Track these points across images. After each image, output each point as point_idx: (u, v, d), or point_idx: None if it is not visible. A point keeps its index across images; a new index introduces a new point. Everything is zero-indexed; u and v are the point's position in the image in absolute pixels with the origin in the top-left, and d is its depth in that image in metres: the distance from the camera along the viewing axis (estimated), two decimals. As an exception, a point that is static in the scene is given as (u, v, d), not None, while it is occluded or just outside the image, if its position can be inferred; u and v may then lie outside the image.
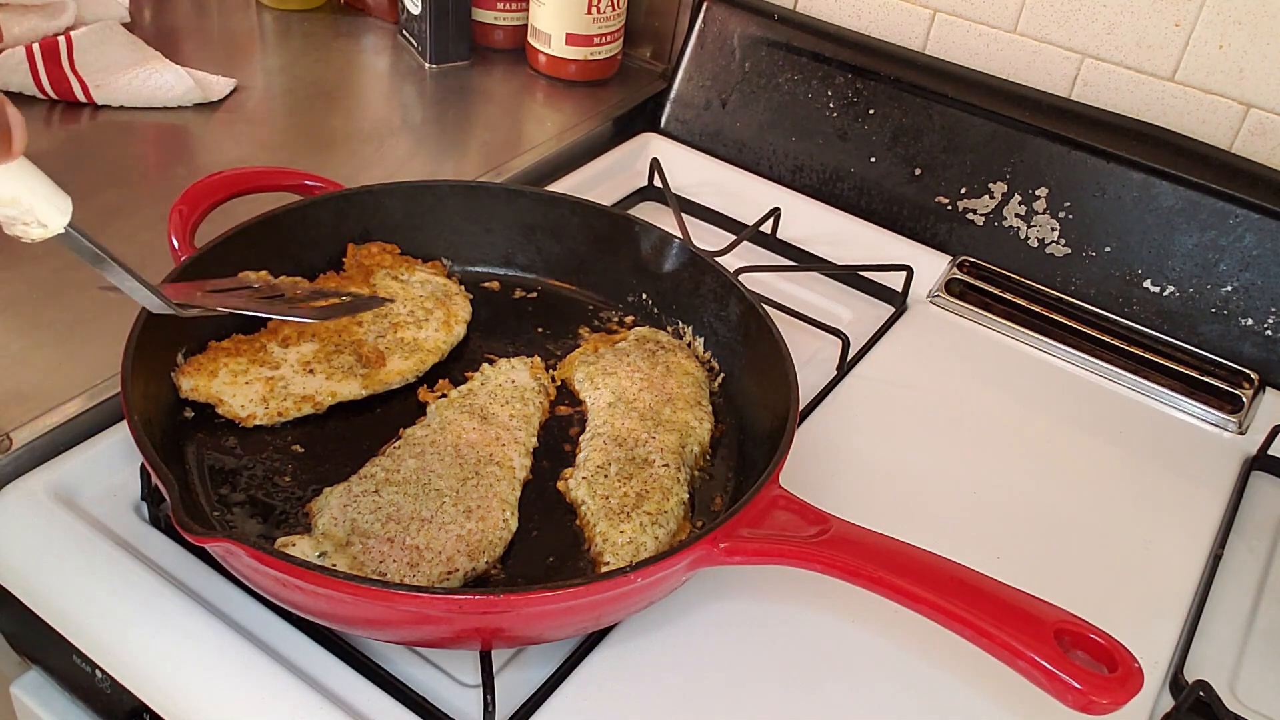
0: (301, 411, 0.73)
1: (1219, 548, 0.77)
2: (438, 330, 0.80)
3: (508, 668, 0.64)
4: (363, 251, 0.85)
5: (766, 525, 0.61)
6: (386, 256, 0.85)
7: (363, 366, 0.76)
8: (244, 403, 0.72)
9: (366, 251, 0.85)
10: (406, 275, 0.84)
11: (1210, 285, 0.95)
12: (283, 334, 0.77)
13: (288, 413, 0.73)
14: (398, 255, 0.86)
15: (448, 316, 0.82)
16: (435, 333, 0.80)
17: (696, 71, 1.16)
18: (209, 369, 0.73)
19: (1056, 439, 0.86)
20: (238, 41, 1.25)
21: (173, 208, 0.77)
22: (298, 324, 0.77)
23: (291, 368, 0.75)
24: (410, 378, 0.78)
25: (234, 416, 0.72)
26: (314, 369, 0.75)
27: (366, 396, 0.76)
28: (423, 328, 0.80)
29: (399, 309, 0.80)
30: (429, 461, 0.69)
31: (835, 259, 1.03)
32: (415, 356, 0.78)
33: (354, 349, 0.77)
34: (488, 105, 1.18)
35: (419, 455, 0.69)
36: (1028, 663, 0.53)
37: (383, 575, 0.61)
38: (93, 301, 0.82)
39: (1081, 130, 0.99)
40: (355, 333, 0.78)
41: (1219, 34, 0.94)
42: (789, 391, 0.70)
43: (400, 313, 0.80)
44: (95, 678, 0.68)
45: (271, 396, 0.73)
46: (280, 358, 0.75)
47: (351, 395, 0.75)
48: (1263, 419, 0.89)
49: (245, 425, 0.72)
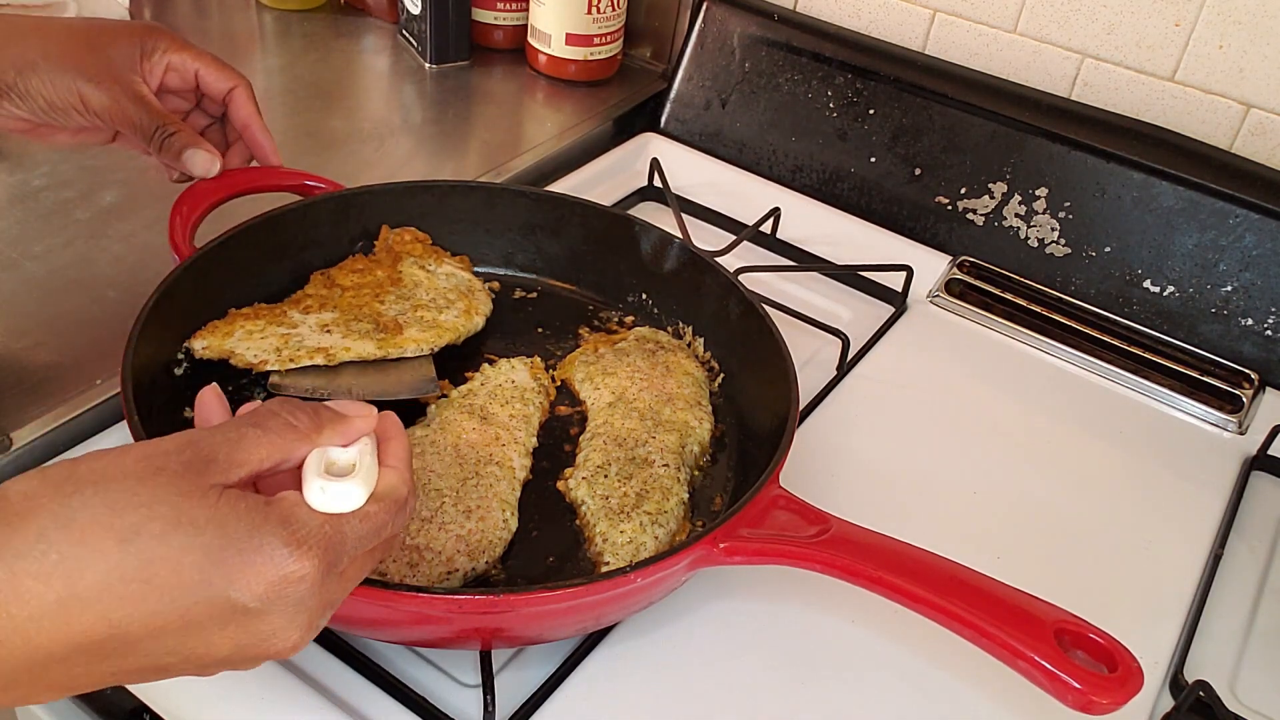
0: (314, 360, 0.74)
1: (1219, 548, 0.77)
2: (458, 317, 0.81)
3: (508, 668, 0.63)
4: (395, 236, 0.85)
5: (766, 525, 0.61)
6: (418, 245, 0.85)
7: (379, 331, 0.77)
8: (257, 352, 0.73)
9: (399, 237, 0.85)
10: (434, 266, 0.84)
11: (1210, 285, 0.95)
12: (304, 303, 0.78)
13: (299, 359, 0.73)
14: (429, 245, 0.86)
15: (469, 306, 0.82)
16: (456, 318, 0.80)
17: (696, 71, 1.16)
18: (224, 330, 0.74)
19: (1056, 439, 0.86)
20: (238, 41, 1.25)
21: (173, 208, 0.77)
22: (322, 297, 0.79)
23: (309, 328, 0.76)
24: (425, 349, 0.78)
25: (246, 364, 0.72)
26: (330, 330, 0.76)
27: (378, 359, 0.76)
28: (444, 313, 0.80)
29: (423, 295, 0.81)
30: (429, 461, 0.69)
31: (835, 259, 1.03)
32: (432, 331, 0.78)
33: (373, 318, 0.77)
34: (488, 105, 1.18)
35: (419, 455, 0.69)
36: (1028, 663, 0.53)
37: (383, 575, 0.61)
38: (93, 301, 0.82)
39: (1081, 130, 0.99)
40: (376, 307, 0.79)
41: (1219, 34, 0.94)
42: (789, 391, 0.70)
43: (423, 299, 0.80)
44: (95, 678, 0.68)
45: (285, 347, 0.73)
46: (299, 320, 0.76)
47: (365, 354, 0.75)
48: (1263, 419, 0.89)
49: (257, 370, 0.73)
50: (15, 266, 0.84)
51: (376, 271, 0.82)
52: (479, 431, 0.72)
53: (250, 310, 0.77)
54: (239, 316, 0.76)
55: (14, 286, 0.82)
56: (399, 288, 0.81)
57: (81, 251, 0.87)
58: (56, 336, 0.78)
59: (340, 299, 0.79)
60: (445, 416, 0.73)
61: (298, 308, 0.78)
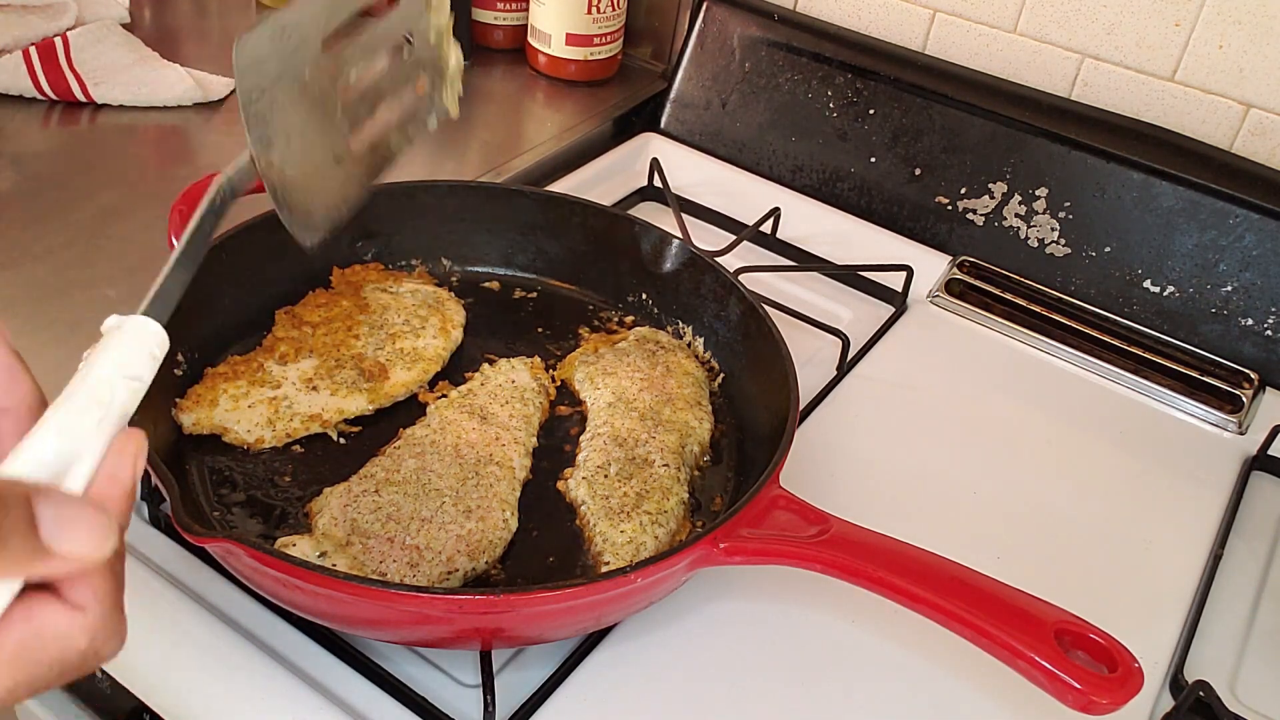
0: (310, 430, 0.72)
1: (1219, 548, 0.77)
2: (435, 337, 0.80)
3: (508, 668, 0.63)
4: (348, 270, 0.85)
5: (766, 525, 0.61)
6: (373, 272, 0.85)
7: (365, 380, 0.75)
8: (249, 428, 0.71)
9: (351, 270, 0.85)
10: (395, 287, 0.84)
11: (1210, 285, 0.95)
12: (279, 351, 0.76)
13: (296, 433, 0.72)
14: (383, 270, 0.86)
15: (443, 322, 0.81)
16: (434, 340, 0.80)
17: (696, 71, 1.16)
18: (209, 399, 0.72)
19: (1056, 439, 0.86)
20: (238, 41, 1.25)
21: (173, 208, 0.77)
22: (293, 339, 0.77)
23: (293, 385, 0.74)
24: (414, 389, 0.77)
25: (242, 443, 0.71)
26: (316, 386, 0.74)
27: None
28: (420, 336, 0.79)
29: (394, 319, 0.80)
30: (429, 461, 0.69)
31: (835, 259, 1.03)
32: (418, 366, 0.78)
33: (354, 363, 0.76)
34: (488, 105, 1.18)
35: (419, 455, 0.69)
36: (1028, 663, 0.53)
37: (383, 575, 0.61)
38: (93, 301, 0.82)
39: (1081, 130, 0.99)
40: (354, 346, 0.77)
41: (1219, 34, 0.94)
42: (789, 391, 0.70)
43: (395, 323, 0.80)
44: (95, 677, 0.68)
45: (277, 418, 0.72)
46: (280, 376, 0.74)
47: (358, 410, 0.74)
48: (1263, 419, 0.89)
49: (255, 449, 0.71)
50: (15, 266, 0.84)
51: (342, 302, 0.81)
52: (479, 431, 0.72)
53: (226, 368, 0.74)
54: (217, 378, 0.73)
55: (14, 287, 0.82)
56: (369, 315, 0.80)
57: (81, 252, 0.87)
58: (56, 337, 0.78)
59: (314, 339, 0.78)
60: (445, 416, 0.73)
61: (273, 357, 0.76)
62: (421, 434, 0.72)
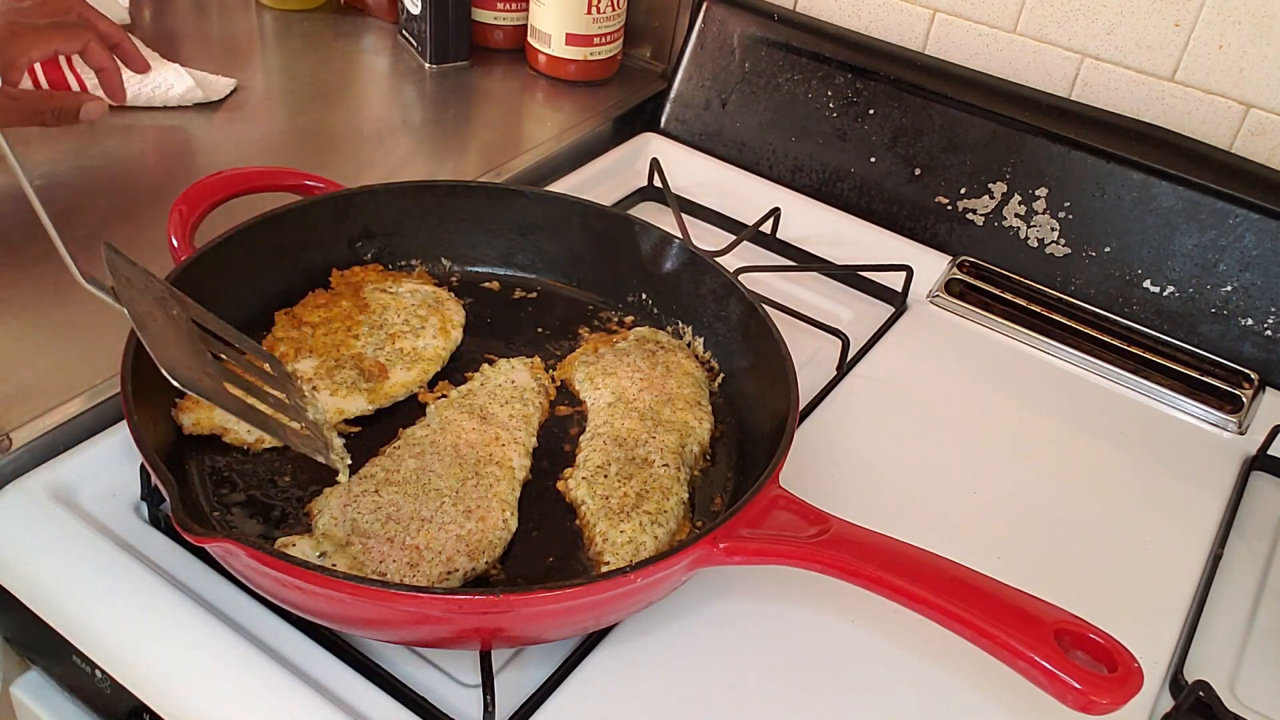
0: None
1: (1219, 548, 0.77)
2: (435, 337, 0.80)
3: (508, 668, 0.64)
4: (348, 271, 0.85)
5: (766, 525, 0.61)
6: (372, 273, 0.85)
7: (365, 381, 0.75)
8: (250, 428, 0.71)
9: (351, 270, 0.85)
10: (394, 287, 0.84)
11: (1210, 285, 0.95)
12: (279, 351, 0.76)
13: None
14: (382, 271, 0.86)
15: (443, 322, 0.81)
16: (433, 340, 0.80)
17: (696, 71, 1.16)
18: None
19: (1056, 439, 0.86)
20: (238, 41, 1.25)
21: (173, 208, 0.77)
22: (293, 340, 0.77)
23: None
24: (414, 389, 0.77)
25: (241, 443, 0.71)
26: (316, 386, 0.74)
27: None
28: (420, 336, 0.79)
29: (394, 319, 0.80)
30: (429, 461, 0.69)
31: (835, 259, 1.03)
32: (418, 366, 0.78)
33: (354, 363, 0.76)
34: (488, 105, 1.18)
35: (419, 455, 0.69)
36: (1028, 663, 0.53)
37: (383, 575, 0.61)
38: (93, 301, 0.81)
39: (1081, 130, 0.99)
40: (353, 346, 0.77)
41: (1219, 34, 0.94)
42: (789, 391, 0.70)
43: (395, 322, 0.80)
44: (95, 678, 0.68)
45: None
46: None
47: (359, 411, 0.74)
48: (1263, 419, 0.89)
49: (255, 449, 0.71)
50: (16, 267, 0.84)
51: (341, 302, 0.81)
52: (479, 431, 0.72)
53: None
54: None
55: (14, 287, 0.82)
56: (368, 314, 0.80)
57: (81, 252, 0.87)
58: (56, 337, 0.78)
59: (314, 339, 0.77)
60: (445, 416, 0.73)
61: None
62: (421, 434, 0.72)
